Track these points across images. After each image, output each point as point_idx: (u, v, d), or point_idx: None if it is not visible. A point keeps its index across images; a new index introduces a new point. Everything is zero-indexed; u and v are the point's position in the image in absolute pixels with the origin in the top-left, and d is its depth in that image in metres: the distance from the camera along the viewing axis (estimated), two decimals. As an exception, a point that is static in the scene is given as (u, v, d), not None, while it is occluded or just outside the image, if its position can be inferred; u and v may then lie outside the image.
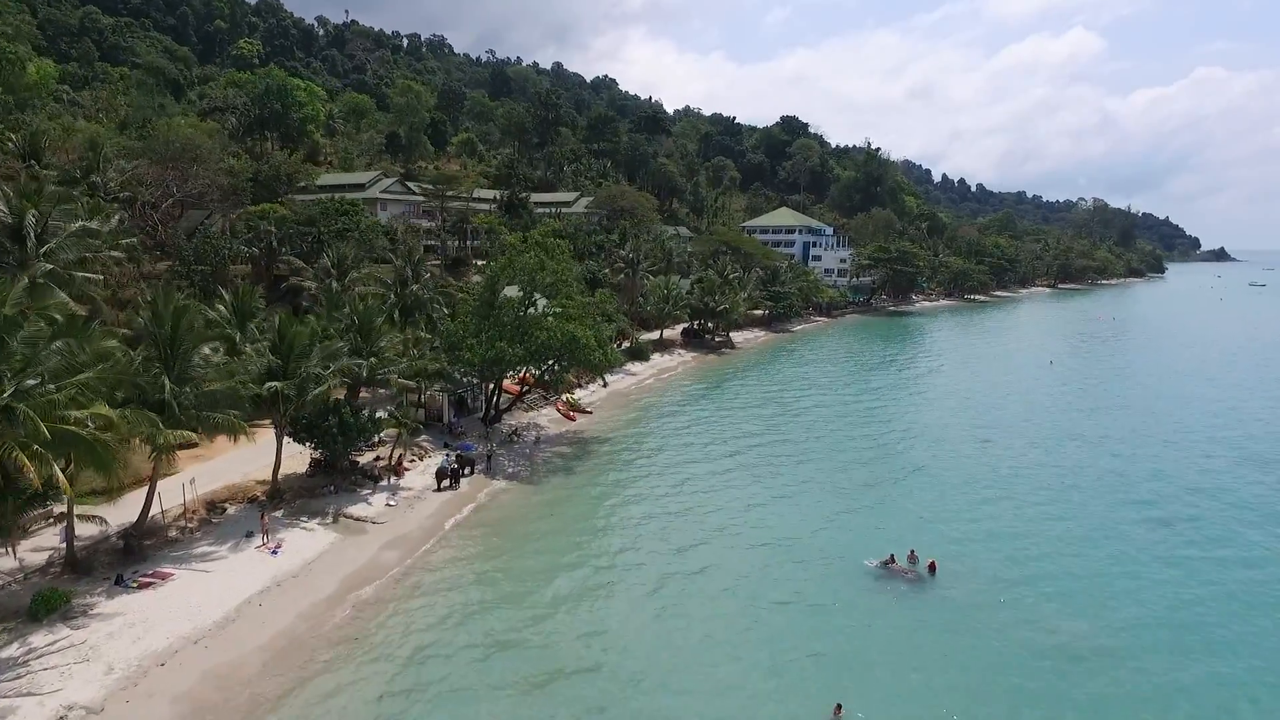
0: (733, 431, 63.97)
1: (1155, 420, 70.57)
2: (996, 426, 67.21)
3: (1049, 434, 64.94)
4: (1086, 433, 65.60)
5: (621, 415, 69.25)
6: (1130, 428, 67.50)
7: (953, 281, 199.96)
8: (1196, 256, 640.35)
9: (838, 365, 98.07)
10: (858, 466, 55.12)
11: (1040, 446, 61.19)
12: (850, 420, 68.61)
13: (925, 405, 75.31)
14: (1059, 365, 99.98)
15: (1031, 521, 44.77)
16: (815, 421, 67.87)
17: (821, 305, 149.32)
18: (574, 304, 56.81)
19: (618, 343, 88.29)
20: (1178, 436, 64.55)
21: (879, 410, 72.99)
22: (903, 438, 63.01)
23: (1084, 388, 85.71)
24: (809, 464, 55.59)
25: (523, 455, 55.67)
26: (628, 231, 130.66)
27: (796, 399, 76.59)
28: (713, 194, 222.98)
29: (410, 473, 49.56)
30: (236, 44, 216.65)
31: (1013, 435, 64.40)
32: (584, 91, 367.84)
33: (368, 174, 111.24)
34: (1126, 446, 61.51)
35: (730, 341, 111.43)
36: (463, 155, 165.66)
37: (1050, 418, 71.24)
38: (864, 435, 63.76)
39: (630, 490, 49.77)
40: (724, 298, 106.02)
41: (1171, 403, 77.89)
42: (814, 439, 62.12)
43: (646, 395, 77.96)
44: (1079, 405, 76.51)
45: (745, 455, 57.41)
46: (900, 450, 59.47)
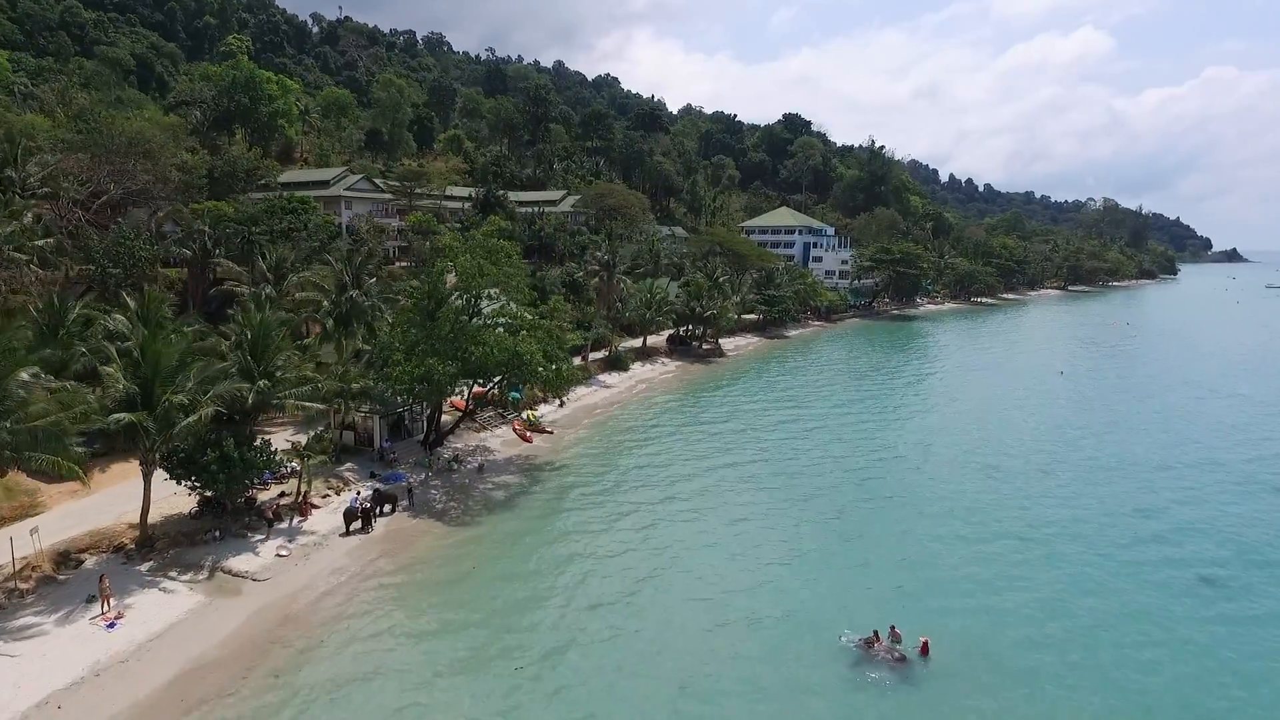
0: (703, 457, 56.61)
1: (1182, 446, 62.82)
2: (1003, 450, 59.67)
3: (1063, 461, 57.34)
4: (1106, 459, 57.96)
5: (584, 435, 62.03)
6: (1156, 456, 59.75)
7: (959, 284, 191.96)
8: (1208, 258, 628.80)
9: (830, 376, 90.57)
10: (843, 504, 47.72)
11: (1054, 477, 53.64)
12: (838, 444, 61.12)
13: (924, 424, 67.80)
14: (1070, 376, 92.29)
15: (1049, 585, 37.11)
16: (797, 447, 60.41)
17: (820, 309, 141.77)
18: (520, 314, 49.50)
19: (585, 355, 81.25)
20: (1213, 470, 56.58)
21: (871, 430, 65.49)
22: (896, 466, 55.55)
23: (1099, 403, 78.01)
24: (783, 502, 48.21)
25: (459, 487, 48.53)
26: (612, 231, 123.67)
27: (779, 418, 69.10)
28: (711, 193, 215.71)
29: (321, 511, 42.48)
30: (225, 40, 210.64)
31: (1022, 462, 56.85)
32: (584, 90, 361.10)
33: (332, 170, 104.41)
34: (1155, 479, 53.84)
35: (719, 349, 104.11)
36: (448, 153, 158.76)
37: (1063, 439, 63.64)
38: (852, 463, 56.28)
39: (570, 532, 42.52)
40: (712, 302, 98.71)
41: (1198, 426, 69.99)
42: (793, 470, 54.59)
43: (617, 411, 70.74)
44: (1095, 424, 68.85)
45: (712, 488, 50.07)
46: (893, 483, 51.99)
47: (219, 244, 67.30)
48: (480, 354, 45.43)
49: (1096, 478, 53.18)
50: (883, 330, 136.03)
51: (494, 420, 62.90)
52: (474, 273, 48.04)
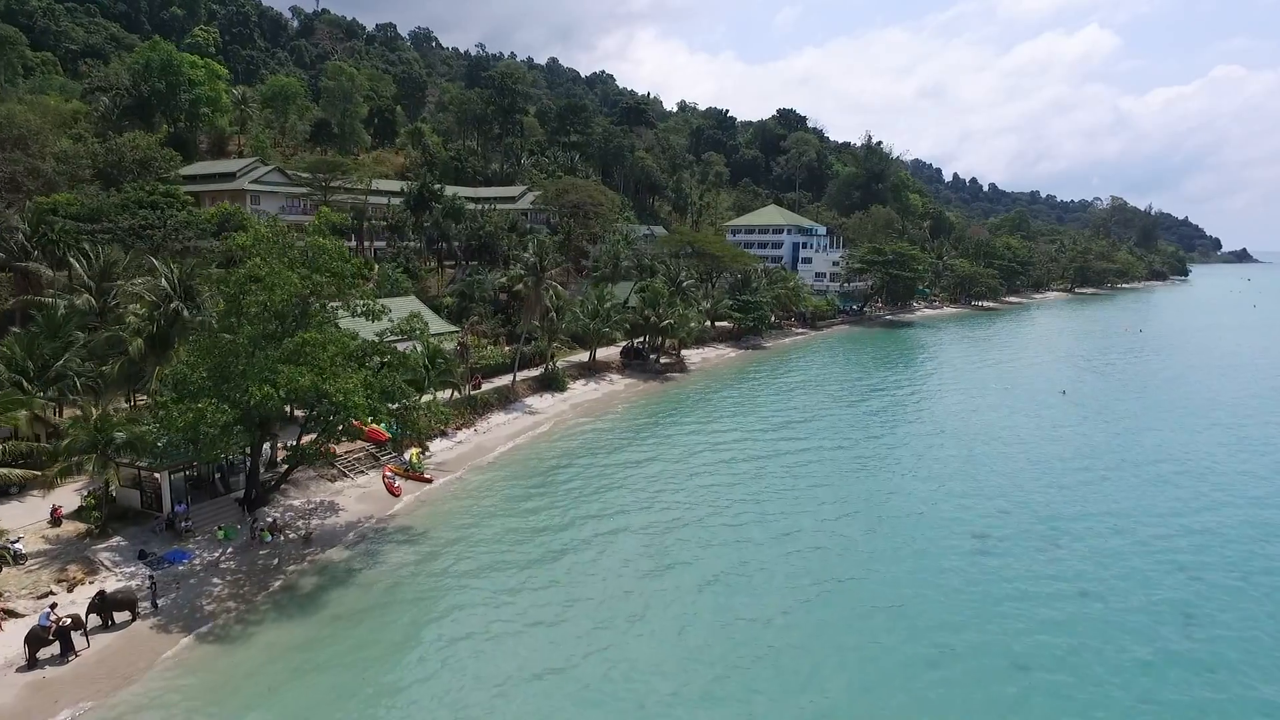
0: (601, 517, 43.74)
1: (1214, 492, 49.59)
2: (997, 508, 46.43)
3: (1071, 522, 44.08)
4: (1122, 517, 44.72)
5: (472, 484, 49.17)
6: (1186, 519, 46.48)
7: (959, 286, 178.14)
8: (1218, 258, 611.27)
9: (793, 400, 77.38)
10: (786, 603, 34.75)
11: (1062, 547, 40.47)
12: (789, 502, 47.93)
13: (903, 469, 54.45)
14: (1075, 396, 78.85)
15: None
16: (719, 503, 47.26)
17: (805, 315, 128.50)
18: (323, 340, 36.08)
19: (514, 373, 68.12)
20: (1262, 532, 43.55)
21: (834, 481, 52.08)
22: (863, 538, 42.26)
23: (1109, 432, 64.54)
24: (702, 609, 35.29)
25: (262, 569, 35.79)
26: (572, 230, 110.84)
27: (706, 461, 55.89)
28: (698, 191, 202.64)
29: (21, 620, 29.82)
30: (191, 32, 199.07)
31: (1019, 526, 43.62)
32: (577, 87, 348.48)
33: (239, 161, 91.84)
34: (1189, 552, 40.68)
35: (681, 363, 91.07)
36: (407, 147, 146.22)
37: (1069, 484, 50.39)
38: (806, 538, 43.08)
39: (378, 662, 29.72)
40: (670, 310, 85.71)
41: (1233, 467, 56.69)
42: (721, 549, 41.60)
43: (530, 447, 57.86)
44: (1105, 463, 55.46)
45: (611, 575, 37.19)
46: (856, 565, 38.89)
47: (41, 244, 54.76)
48: (259, 396, 32.50)
49: (1107, 558, 39.88)
50: (871, 339, 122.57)
51: (364, 463, 50.19)
52: (240, 284, 35.02)
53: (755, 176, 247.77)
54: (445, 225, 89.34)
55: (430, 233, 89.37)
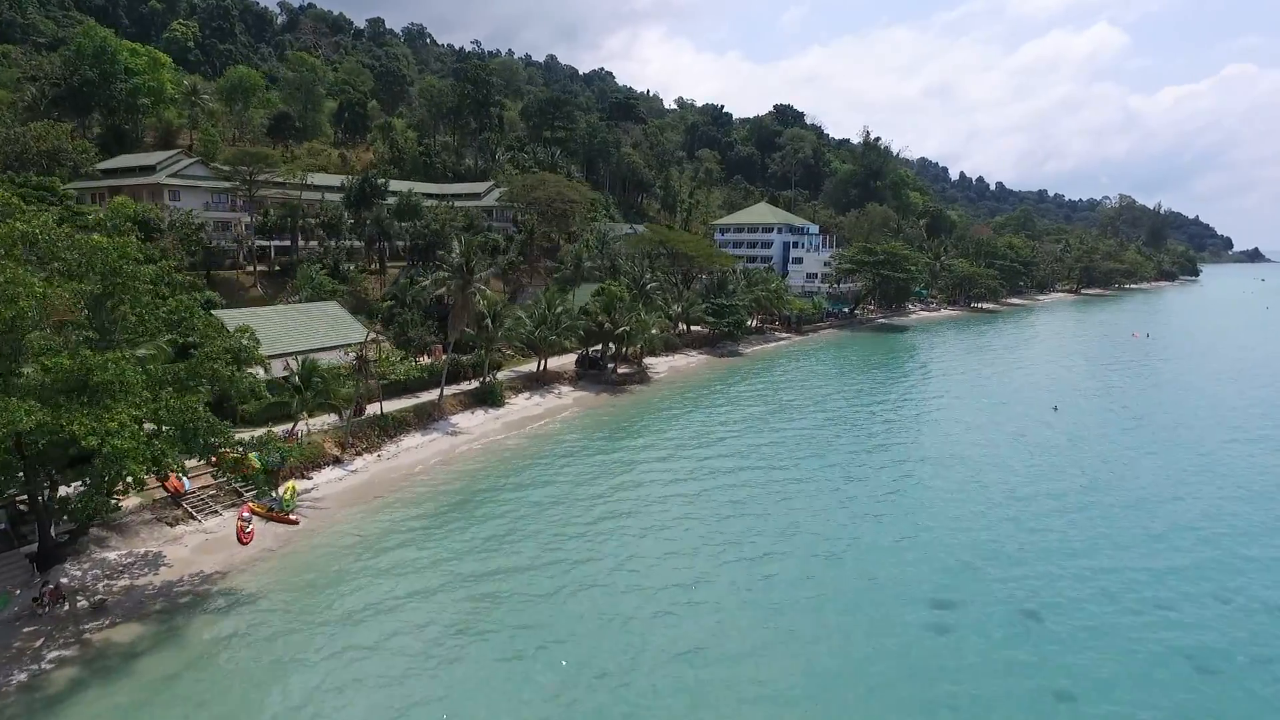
0: (488, 590, 35.78)
1: (1221, 539, 41.21)
2: (965, 561, 38.24)
3: (1049, 584, 35.85)
4: (1112, 575, 36.47)
5: (349, 529, 41.22)
6: (1188, 573, 38.16)
7: (957, 287, 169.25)
8: (1229, 258, 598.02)
9: (759, 416, 69.19)
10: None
11: (1036, 619, 32.31)
12: (709, 560, 39.87)
13: (855, 513, 45.95)
14: (1070, 414, 70.25)
15: None
16: (634, 555, 39.38)
17: (790, 319, 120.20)
18: (76, 364, 27.87)
19: (441, 387, 60.02)
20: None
21: (780, 540, 43.79)
22: (806, 622, 34.22)
23: (1110, 461, 55.98)
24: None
25: (12, 655, 28.03)
26: (534, 228, 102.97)
27: (643, 505, 47.87)
28: (688, 188, 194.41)
29: None
30: (169, 26, 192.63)
31: (987, 590, 35.44)
32: (574, 84, 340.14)
33: (159, 154, 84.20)
34: (1192, 628, 32.42)
35: (643, 373, 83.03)
36: (376, 142, 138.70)
37: (1052, 529, 42.09)
38: (729, 616, 35.09)
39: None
40: (626, 316, 77.67)
41: (1241, 507, 48.28)
42: (603, 628, 33.63)
43: (441, 474, 49.94)
44: (1104, 500, 47.06)
45: (492, 658, 29.29)
46: (794, 674, 30.89)
47: None
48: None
49: (1095, 639, 31.64)
50: (858, 345, 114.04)
51: (221, 501, 42.38)
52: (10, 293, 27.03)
53: (751, 174, 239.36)
54: (387, 223, 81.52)
55: (370, 231, 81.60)
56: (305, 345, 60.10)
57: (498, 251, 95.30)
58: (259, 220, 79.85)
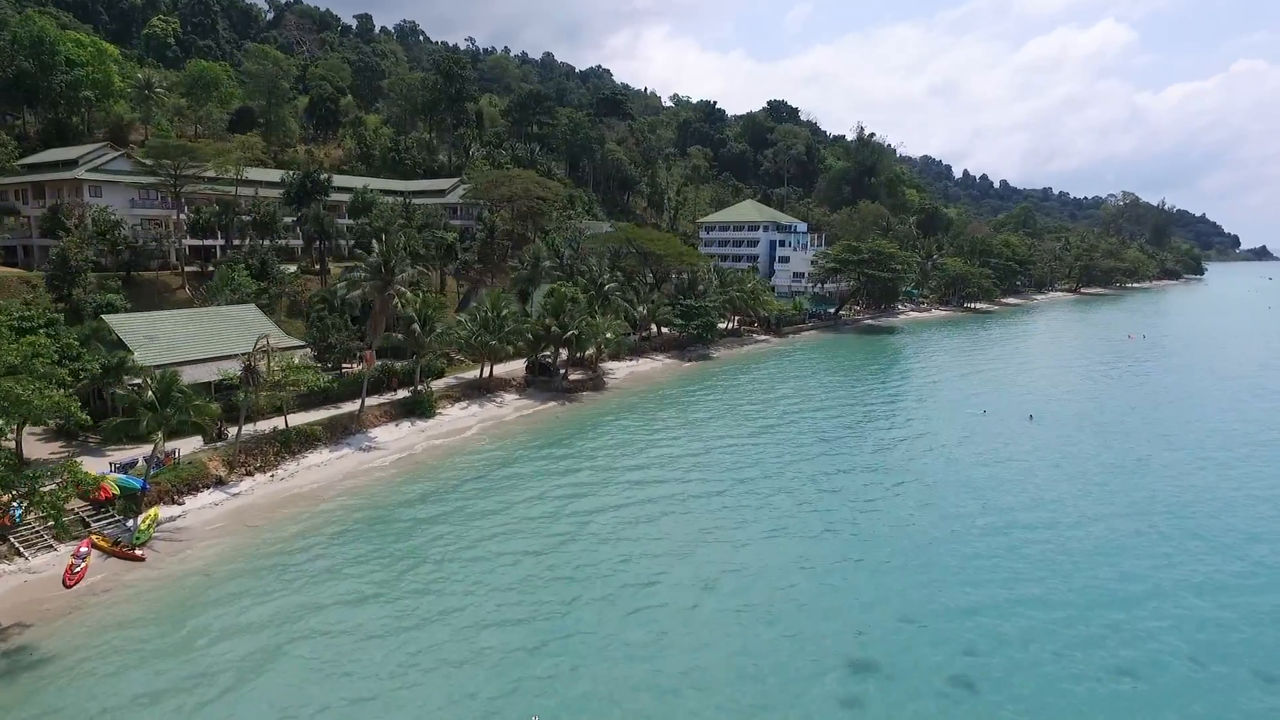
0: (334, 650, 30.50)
1: (1197, 581, 35.60)
2: (901, 627, 32.74)
3: (1003, 649, 30.31)
4: (1077, 642, 30.91)
5: (199, 568, 35.89)
6: (1177, 631, 32.56)
7: (949, 287, 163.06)
8: (1236, 256, 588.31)
9: (716, 432, 63.65)
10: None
11: (982, 701, 26.79)
12: (611, 614, 34.53)
13: (795, 558, 40.58)
14: (1048, 424, 64.42)
15: None
16: (522, 625, 34.00)
17: (770, 321, 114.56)
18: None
19: (359, 403, 54.60)
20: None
21: (691, 582, 38.49)
22: (693, 699, 28.83)
23: (1089, 482, 50.20)
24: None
25: None
26: (493, 226, 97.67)
27: (510, 551, 42.62)
28: (675, 186, 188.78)
29: None
30: (149, 23, 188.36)
31: (925, 659, 29.95)
32: (570, 81, 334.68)
33: (82, 148, 79.08)
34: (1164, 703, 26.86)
35: (598, 379, 77.62)
36: (346, 138, 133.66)
37: (1009, 570, 36.50)
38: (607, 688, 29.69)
39: None
40: (575, 319, 72.23)
41: (1220, 539, 42.54)
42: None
43: (334, 498, 44.63)
44: (1064, 536, 41.38)
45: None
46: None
47: None
48: None
49: (1045, 706, 26.12)
50: (838, 348, 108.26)
51: (74, 526, 37.15)
52: None
53: (744, 171, 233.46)
54: (327, 221, 76.33)
55: (309, 229, 76.44)
56: (212, 352, 55.04)
57: (453, 251, 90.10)
58: (191, 218, 74.81)
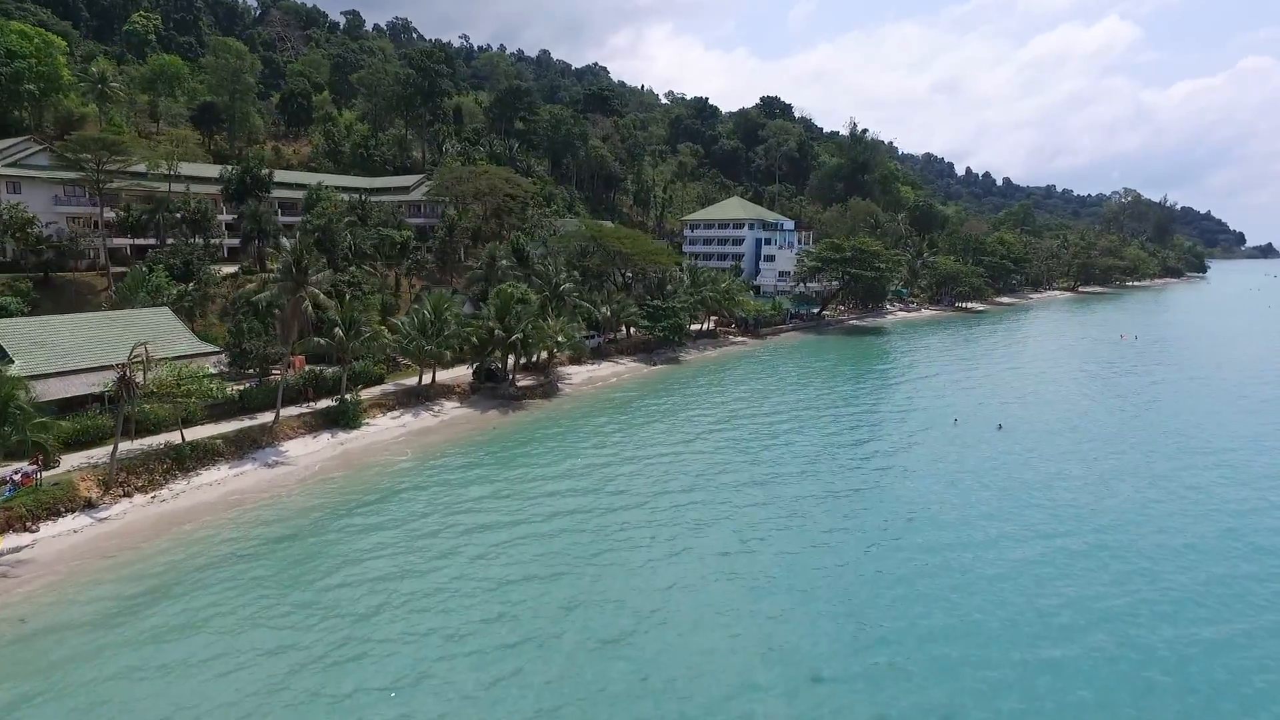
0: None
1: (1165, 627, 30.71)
2: (815, 689, 27.96)
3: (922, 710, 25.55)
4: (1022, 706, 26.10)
5: (14, 613, 31.46)
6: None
7: (940, 286, 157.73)
8: (1241, 253, 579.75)
9: (660, 447, 58.88)
10: None
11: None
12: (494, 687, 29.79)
13: (698, 586, 35.95)
14: (1018, 434, 59.36)
15: None
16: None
17: (748, 322, 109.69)
18: None
19: (277, 409, 50.00)
20: None
21: (594, 632, 33.77)
22: None
23: (1058, 503, 45.26)
24: None
25: None
26: (453, 224, 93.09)
27: (441, 578, 37.89)
28: (661, 183, 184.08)
29: None
30: (129, 19, 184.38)
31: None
32: (565, 79, 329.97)
33: (4, 141, 74.86)
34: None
35: (550, 385, 72.89)
36: (315, 134, 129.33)
37: (946, 605, 31.71)
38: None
39: None
40: (521, 322, 67.53)
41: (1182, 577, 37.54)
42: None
43: (211, 524, 40.07)
44: (1012, 571, 36.50)
45: None
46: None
47: None
48: None
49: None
50: (816, 350, 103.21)
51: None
52: None
53: (736, 168, 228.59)
54: (265, 218, 71.83)
55: (246, 227, 72.01)
56: (108, 360, 50.50)
57: (406, 249, 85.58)
58: (120, 215, 70.44)
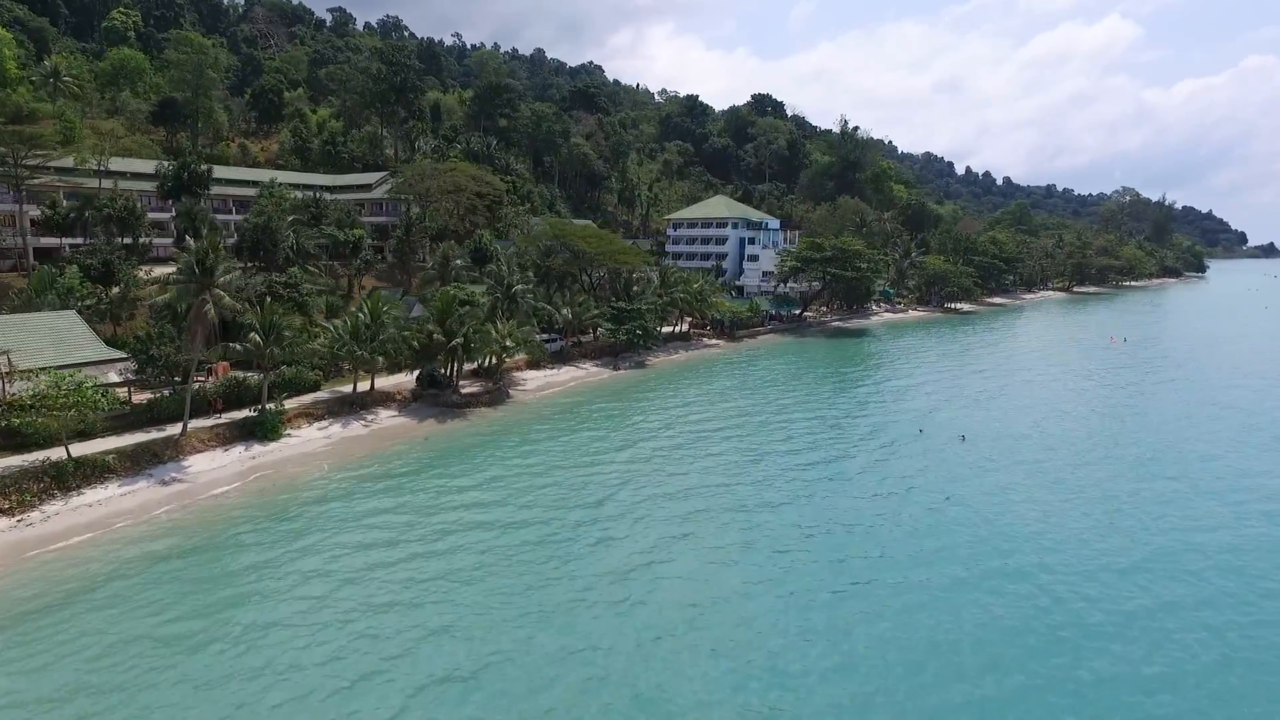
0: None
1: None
2: None
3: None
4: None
5: None
6: None
7: (928, 287, 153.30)
8: (1243, 253, 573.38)
9: (580, 457, 54.91)
10: None
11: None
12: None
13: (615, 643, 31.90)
14: (977, 444, 55.05)
15: None
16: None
17: (723, 324, 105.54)
18: None
19: (185, 422, 46.06)
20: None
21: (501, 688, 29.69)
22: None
23: (987, 521, 41.05)
24: None
25: None
26: (409, 223, 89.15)
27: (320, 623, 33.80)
28: (646, 182, 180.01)
29: None
30: (109, 15, 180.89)
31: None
32: (559, 77, 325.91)
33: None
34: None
35: (499, 392, 68.78)
36: (283, 132, 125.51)
37: (878, 643, 27.60)
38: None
39: None
40: (466, 325, 63.54)
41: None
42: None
43: (70, 556, 36.14)
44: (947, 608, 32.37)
45: None
46: None
47: None
48: None
49: None
50: (792, 354, 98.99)
51: None
52: None
53: (726, 166, 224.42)
54: (199, 216, 67.96)
55: (180, 225, 68.18)
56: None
57: (359, 249, 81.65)
58: (45, 213, 66.66)
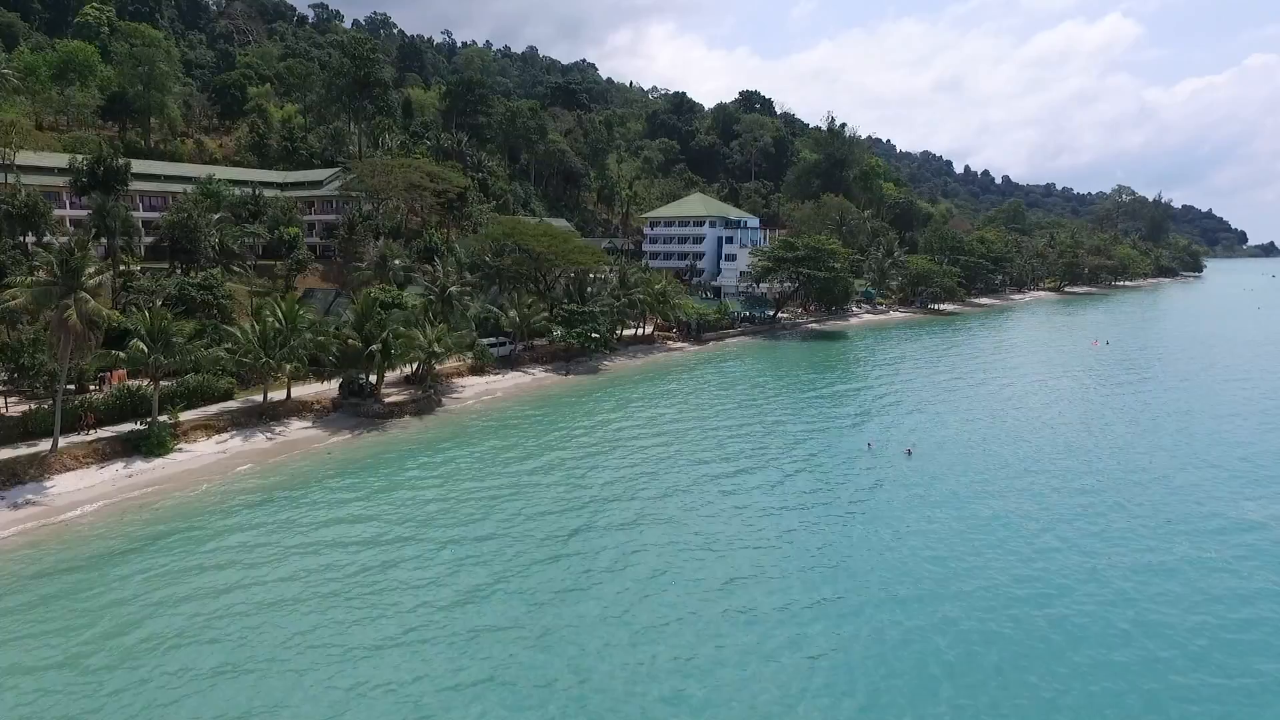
0: None
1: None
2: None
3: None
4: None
5: None
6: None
7: (911, 287, 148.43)
8: (1243, 252, 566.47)
9: (489, 481, 50.37)
10: None
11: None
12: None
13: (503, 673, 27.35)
14: (921, 459, 50.45)
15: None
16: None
17: (690, 326, 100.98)
18: None
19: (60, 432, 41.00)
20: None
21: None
22: None
23: (914, 546, 36.44)
24: None
25: None
26: (353, 221, 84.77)
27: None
28: (626, 179, 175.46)
29: None
30: (81, 11, 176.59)
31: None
32: (551, 75, 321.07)
33: None
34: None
35: (427, 400, 64.22)
36: (241, 127, 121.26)
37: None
38: None
39: None
40: (384, 330, 59.05)
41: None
42: None
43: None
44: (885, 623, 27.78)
45: None
46: None
47: None
48: None
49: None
50: (758, 358, 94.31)
51: None
52: None
53: (713, 164, 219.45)
54: (113, 213, 63.62)
55: (92, 223, 63.85)
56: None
57: (294, 248, 77.30)
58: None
